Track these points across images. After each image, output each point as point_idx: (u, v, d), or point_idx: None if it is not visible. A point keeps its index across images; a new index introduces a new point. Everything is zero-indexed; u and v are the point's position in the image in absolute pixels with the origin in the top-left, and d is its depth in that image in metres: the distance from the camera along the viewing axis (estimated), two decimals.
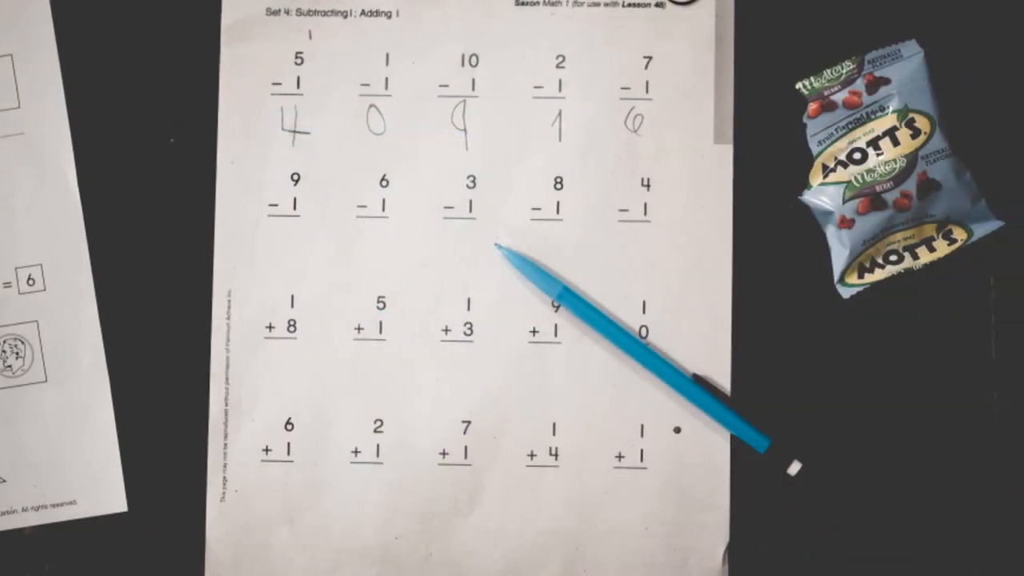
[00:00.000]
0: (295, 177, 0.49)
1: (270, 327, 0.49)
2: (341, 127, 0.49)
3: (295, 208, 0.49)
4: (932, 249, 0.48)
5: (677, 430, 0.49)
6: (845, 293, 0.49)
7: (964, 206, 0.48)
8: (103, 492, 0.48)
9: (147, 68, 0.49)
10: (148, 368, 0.49)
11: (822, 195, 0.48)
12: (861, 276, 0.49)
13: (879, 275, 0.49)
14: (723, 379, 0.48)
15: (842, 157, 0.48)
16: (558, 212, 0.49)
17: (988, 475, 0.49)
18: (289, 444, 0.49)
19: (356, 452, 0.49)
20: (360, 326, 0.49)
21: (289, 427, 0.49)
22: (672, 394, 0.48)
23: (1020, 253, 0.49)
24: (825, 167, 0.48)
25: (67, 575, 0.48)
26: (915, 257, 0.48)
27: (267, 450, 0.49)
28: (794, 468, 0.48)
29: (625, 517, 0.48)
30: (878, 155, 0.47)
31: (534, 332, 0.49)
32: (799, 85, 0.48)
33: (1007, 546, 0.48)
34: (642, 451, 0.48)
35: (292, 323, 0.49)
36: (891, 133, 0.47)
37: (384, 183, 0.49)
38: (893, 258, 0.49)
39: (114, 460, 0.48)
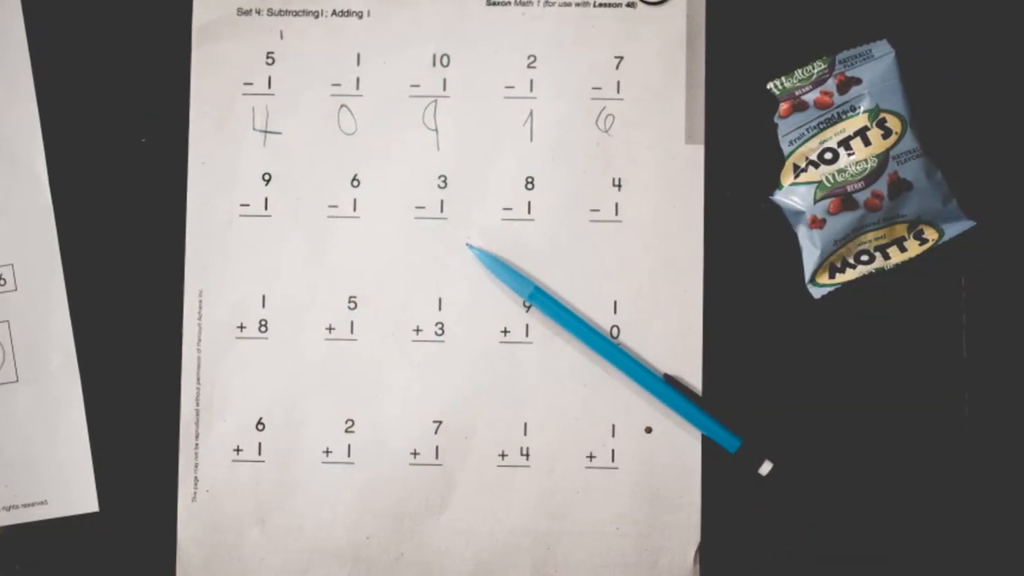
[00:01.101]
0: (266, 177, 0.49)
1: (241, 327, 0.49)
2: (312, 127, 0.49)
3: (266, 208, 0.49)
4: (903, 249, 0.48)
5: (648, 430, 0.49)
6: (816, 293, 0.49)
7: (935, 206, 0.48)
8: (74, 492, 0.48)
9: (119, 68, 0.49)
10: (119, 368, 0.49)
11: (793, 195, 0.48)
12: (832, 276, 0.49)
13: (850, 275, 0.49)
14: (694, 379, 0.48)
15: (813, 157, 0.48)
16: (529, 212, 0.49)
17: (960, 474, 0.49)
18: (260, 444, 0.49)
19: (327, 452, 0.49)
20: (331, 326, 0.49)
21: (260, 427, 0.49)
22: (643, 394, 0.48)
23: (991, 253, 0.49)
24: (796, 167, 0.48)
25: (38, 575, 0.48)
26: (886, 257, 0.48)
27: (238, 450, 0.49)
28: (765, 468, 0.48)
29: (596, 517, 0.48)
30: (849, 155, 0.47)
31: (505, 332, 0.49)
32: (770, 85, 0.48)
33: (979, 544, 0.48)
34: (613, 451, 0.48)
35: (263, 323, 0.49)
36: (862, 133, 0.47)
37: (355, 183, 0.49)
38: (864, 258, 0.49)
39: (85, 460, 0.48)
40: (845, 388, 0.49)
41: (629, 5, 0.49)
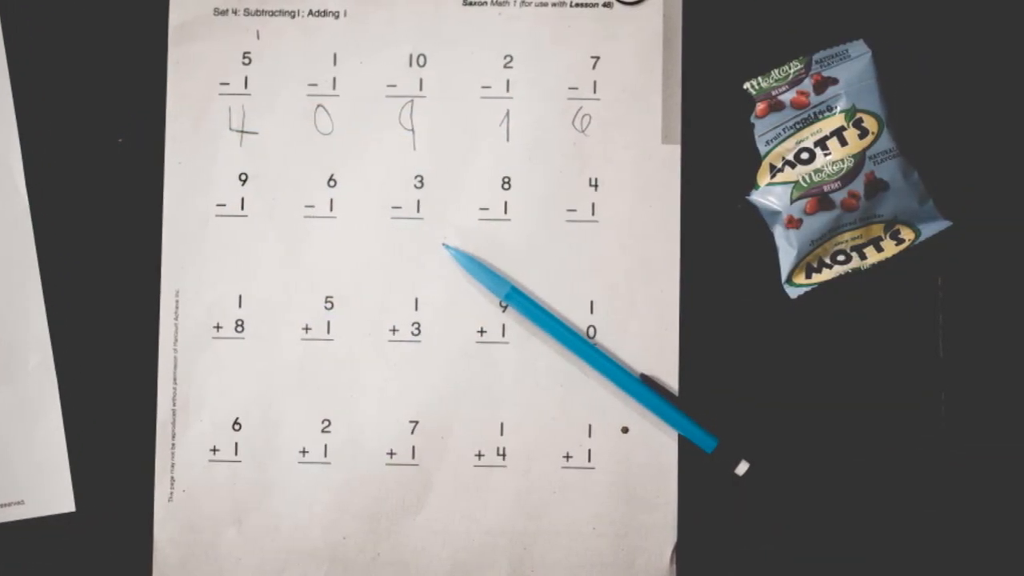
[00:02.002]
0: (243, 177, 0.49)
1: (218, 327, 0.49)
2: (289, 127, 0.49)
3: (243, 208, 0.49)
4: (880, 249, 0.48)
5: (625, 430, 0.49)
6: (793, 293, 0.49)
7: (912, 206, 0.48)
8: (51, 492, 0.48)
9: (95, 68, 0.49)
10: (96, 368, 0.49)
11: (770, 195, 0.48)
12: (809, 276, 0.49)
13: (827, 275, 0.49)
14: (671, 379, 0.48)
15: (790, 157, 0.48)
16: (506, 212, 0.49)
17: (936, 474, 0.49)
18: (237, 444, 0.49)
19: (304, 452, 0.49)
20: (308, 326, 0.49)
21: (237, 427, 0.49)
22: (620, 394, 0.48)
23: (967, 253, 0.49)
24: (773, 167, 0.48)
25: (15, 575, 0.48)
26: (863, 257, 0.48)
27: (215, 450, 0.49)
28: (742, 468, 0.48)
29: (573, 517, 0.48)
30: (826, 155, 0.47)
31: (482, 332, 0.49)
32: (747, 85, 0.48)
33: (955, 544, 0.48)
34: (590, 451, 0.49)
35: (240, 323, 0.49)
36: (839, 133, 0.47)
37: (332, 183, 0.49)
38: (841, 258, 0.49)
39: (62, 460, 0.48)
40: (822, 388, 0.49)
41: (606, 5, 0.49)
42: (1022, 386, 0.49)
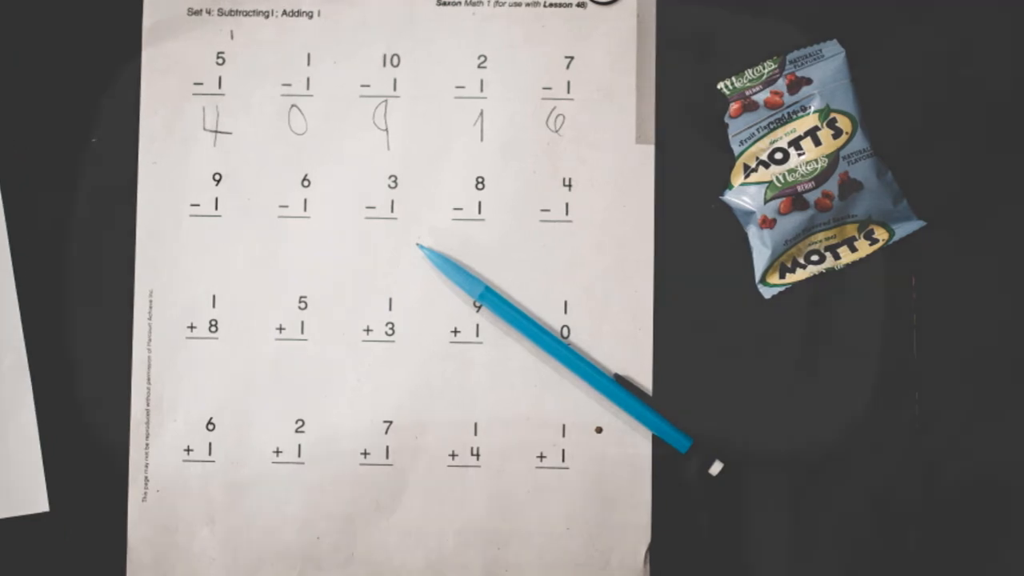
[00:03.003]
0: (217, 177, 0.49)
1: (192, 327, 0.49)
2: (263, 127, 0.49)
3: (217, 208, 0.49)
4: (854, 249, 0.48)
5: (599, 430, 0.49)
6: (767, 293, 0.49)
7: (886, 206, 0.48)
8: (24, 492, 0.48)
9: (69, 68, 0.49)
10: (70, 368, 0.48)
11: (743, 195, 0.48)
12: (783, 276, 0.49)
13: (801, 275, 0.49)
14: (645, 379, 0.48)
15: (764, 157, 0.48)
16: (480, 212, 0.49)
17: (909, 475, 0.49)
18: (211, 444, 0.49)
19: (278, 452, 0.48)
20: (282, 326, 0.49)
21: (211, 427, 0.49)
22: (594, 394, 0.48)
23: (941, 253, 0.49)
24: (747, 167, 0.48)
25: None
26: (837, 257, 0.48)
27: (189, 450, 0.49)
28: (716, 468, 0.48)
29: (547, 517, 0.48)
30: (800, 155, 0.47)
31: (456, 332, 0.49)
32: (721, 85, 0.48)
33: (930, 543, 0.48)
34: (564, 451, 0.48)
35: (214, 323, 0.49)
36: (812, 133, 0.47)
37: (306, 183, 0.49)
38: (815, 258, 0.49)
39: (35, 460, 0.48)
40: (795, 388, 0.49)
41: (579, 5, 0.49)
42: (995, 385, 0.49)
